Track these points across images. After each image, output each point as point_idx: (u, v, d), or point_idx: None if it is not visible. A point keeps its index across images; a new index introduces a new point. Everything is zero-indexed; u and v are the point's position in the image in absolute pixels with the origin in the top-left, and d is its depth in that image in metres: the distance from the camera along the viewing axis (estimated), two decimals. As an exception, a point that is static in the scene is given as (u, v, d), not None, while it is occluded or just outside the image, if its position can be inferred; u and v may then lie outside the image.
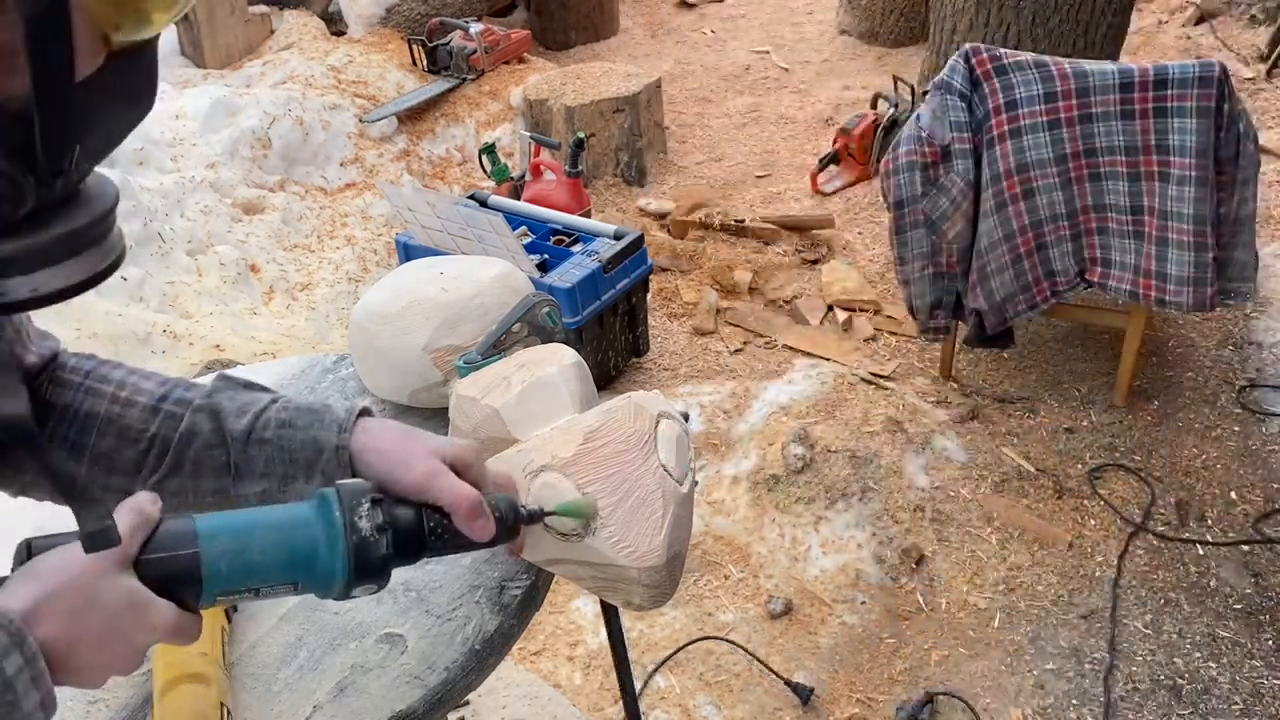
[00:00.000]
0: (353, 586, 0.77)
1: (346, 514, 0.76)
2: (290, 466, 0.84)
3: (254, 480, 0.85)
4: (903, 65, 5.12)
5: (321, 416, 0.86)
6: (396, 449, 0.84)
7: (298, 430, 0.85)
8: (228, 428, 0.85)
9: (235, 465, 0.85)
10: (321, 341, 3.37)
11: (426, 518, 0.81)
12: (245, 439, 0.85)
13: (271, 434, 0.85)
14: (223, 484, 0.85)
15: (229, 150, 3.96)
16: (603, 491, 0.98)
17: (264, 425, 0.85)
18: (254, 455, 0.84)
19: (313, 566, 0.75)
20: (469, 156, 4.63)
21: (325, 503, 0.77)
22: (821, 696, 2.15)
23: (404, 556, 0.80)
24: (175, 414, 0.85)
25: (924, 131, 2.63)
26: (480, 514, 0.81)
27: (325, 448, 0.84)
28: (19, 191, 0.59)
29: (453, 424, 1.16)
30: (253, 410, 0.86)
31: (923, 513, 2.52)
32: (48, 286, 0.63)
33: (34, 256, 0.62)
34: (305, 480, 0.85)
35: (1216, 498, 2.57)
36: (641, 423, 1.03)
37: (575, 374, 1.15)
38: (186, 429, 0.84)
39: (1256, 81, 4.56)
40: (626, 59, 5.70)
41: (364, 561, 0.76)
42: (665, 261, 3.76)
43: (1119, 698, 2.11)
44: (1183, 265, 2.52)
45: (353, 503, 0.77)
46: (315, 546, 0.75)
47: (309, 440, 0.85)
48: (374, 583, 0.78)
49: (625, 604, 1.03)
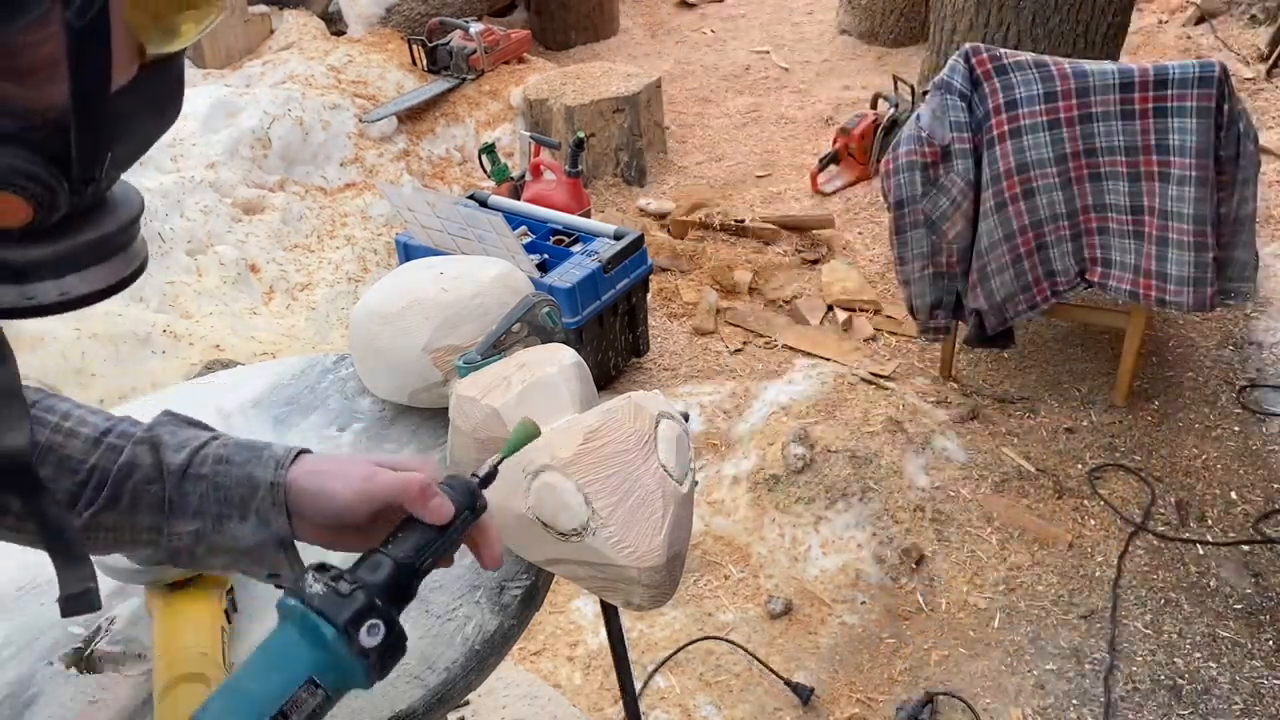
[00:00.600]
0: (381, 664, 0.74)
1: (325, 616, 0.71)
2: (224, 505, 0.81)
3: (188, 518, 0.81)
4: (903, 65, 5.12)
5: (260, 453, 0.83)
6: (332, 467, 0.83)
7: (234, 466, 0.82)
8: (165, 461, 0.82)
9: (170, 501, 0.82)
10: (321, 341, 3.37)
11: (390, 551, 0.77)
12: (181, 474, 0.82)
13: (208, 469, 0.82)
14: (157, 520, 0.81)
15: (229, 150, 3.96)
16: (603, 491, 0.98)
17: (201, 461, 0.83)
18: (189, 491, 0.81)
19: (327, 677, 0.72)
20: (469, 156, 4.63)
21: (298, 618, 0.72)
22: (821, 696, 2.15)
23: (400, 602, 0.76)
24: (117, 446, 0.83)
25: (924, 131, 2.63)
26: (432, 493, 0.79)
27: (260, 484, 0.81)
28: (54, 198, 0.60)
29: (453, 424, 1.16)
30: (191, 445, 0.83)
31: (923, 513, 2.52)
32: (76, 291, 0.64)
33: (64, 261, 0.63)
34: (239, 519, 0.81)
35: (1217, 498, 2.57)
36: (641, 423, 1.03)
37: (575, 374, 1.15)
38: (126, 460, 0.82)
39: (1256, 81, 4.56)
40: (626, 59, 5.70)
41: (384, 659, 0.73)
42: (665, 261, 3.76)
43: (1119, 698, 2.11)
44: (1183, 265, 2.52)
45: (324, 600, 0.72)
46: (317, 664, 0.71)
47: (244, 477, 0.82)
48: (398, 651, 0.75)
49: (625, 604, 1.03)
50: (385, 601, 0.74)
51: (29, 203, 0.59)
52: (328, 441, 1.34)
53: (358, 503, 0.79)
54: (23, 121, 0.57)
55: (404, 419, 1.38)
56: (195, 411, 0.90)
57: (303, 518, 0.81)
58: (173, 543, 0.81)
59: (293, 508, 0.81)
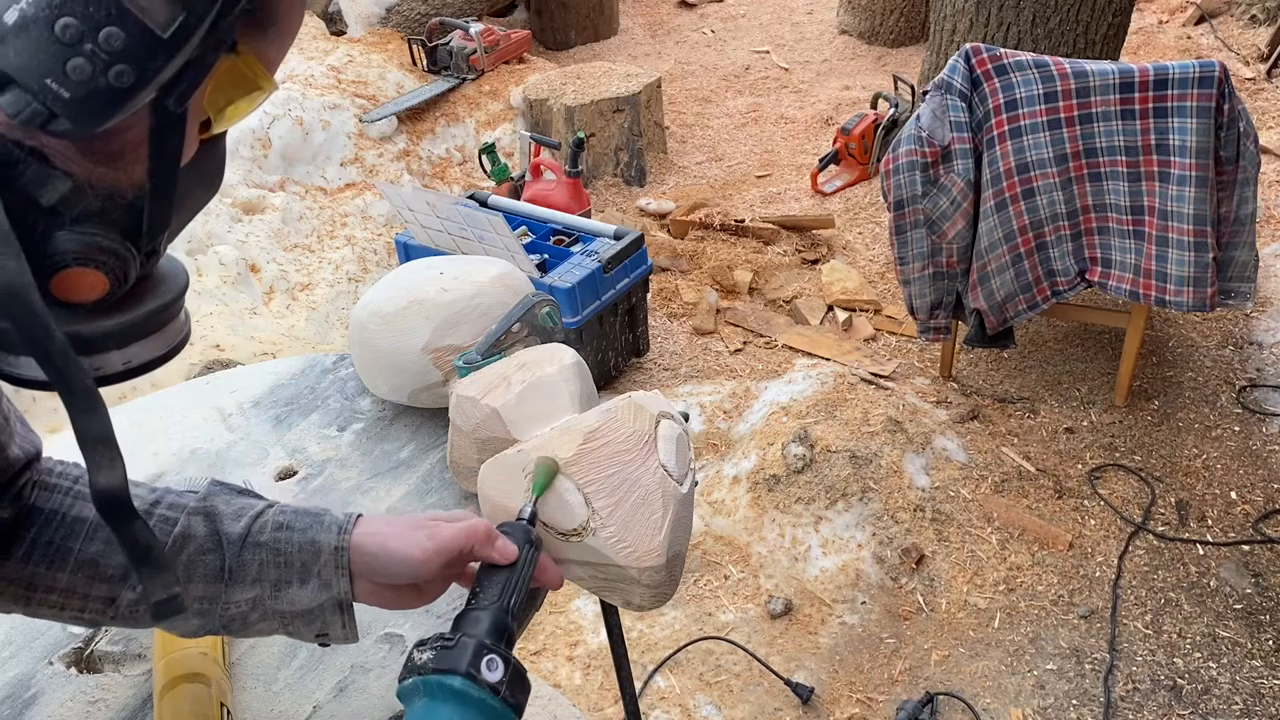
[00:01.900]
0: (514, 697, 0.75)
1: (447, 670, 0.73)
2: (284, 570, 0.82)
3: (246, 586, 0.82)
4: (903, 65, 5.13)
5: (320, 519, 0.84)
6: (391, 529, 0.84)
7: (295, 533, 0.83)
8: (224, 530, 0.82)
9: (229, 569, 0.82)
10: (321, 341, 3.37)
11: (477, 603, 0.80)
12: (241, 542, 0.82)
13: (268, 537, 0.83)
14: (214, 590, 0.81)
15: (229, 150, 3.96)
16: (603, 491, 0.98)
17: (260, 529, 0.83)
18: (248, 560, 0.82)
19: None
20: (469, 156, 4.63)
21: (422, 690, 0.74)
22: (821, 696, 2.15)
23: (505, 644, 0.78)
24: (169, 518, 0.83)
25: (924, 131, 2.63)
26: (496, 535, 0.82)
27: (324, 549, 0.82)
28: (128, 270, 0.63)
29: (453, 424, 1.16)
30: (249, 514, 0.84)
31: (923, 513, 2.52)
32: (139, 359, 0.67)
33: (129, 331, 0.66)
34: (299, 584, 0.82)
35: (1217, 498, 2.57)
36: (641, 423, 1.03)
37: (575, 374, 1.15)
38: (181, 532, 0.82)
39: (1256, 81, 4.56)
40: (626, 59, 5.70)
41: (514, 691, 0.75)
42: (665, 261, 3.76)
43: (1119, 698, 2.11)
44: (1183, 265, 2.52)
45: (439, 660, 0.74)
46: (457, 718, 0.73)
47: (306, 543, 0.83)
48: (524, 682, 0.77)
49: (625, 604, 1.03)
50: (493, 640, 0.76)
51: (107, 277, 0.61)
52: (328, 441, 1.34)
53: (430, 559, 0.81)
54: (106, 201, 0.60)
55: (404, 419, 1.38)
56: (195, 411, 0.91)
57: (363, 579, 0.83)
58: (228, 611, 0.82)
59: (354, 570, 0.83)
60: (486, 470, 1.07)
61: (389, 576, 0.83)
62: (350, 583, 0.82)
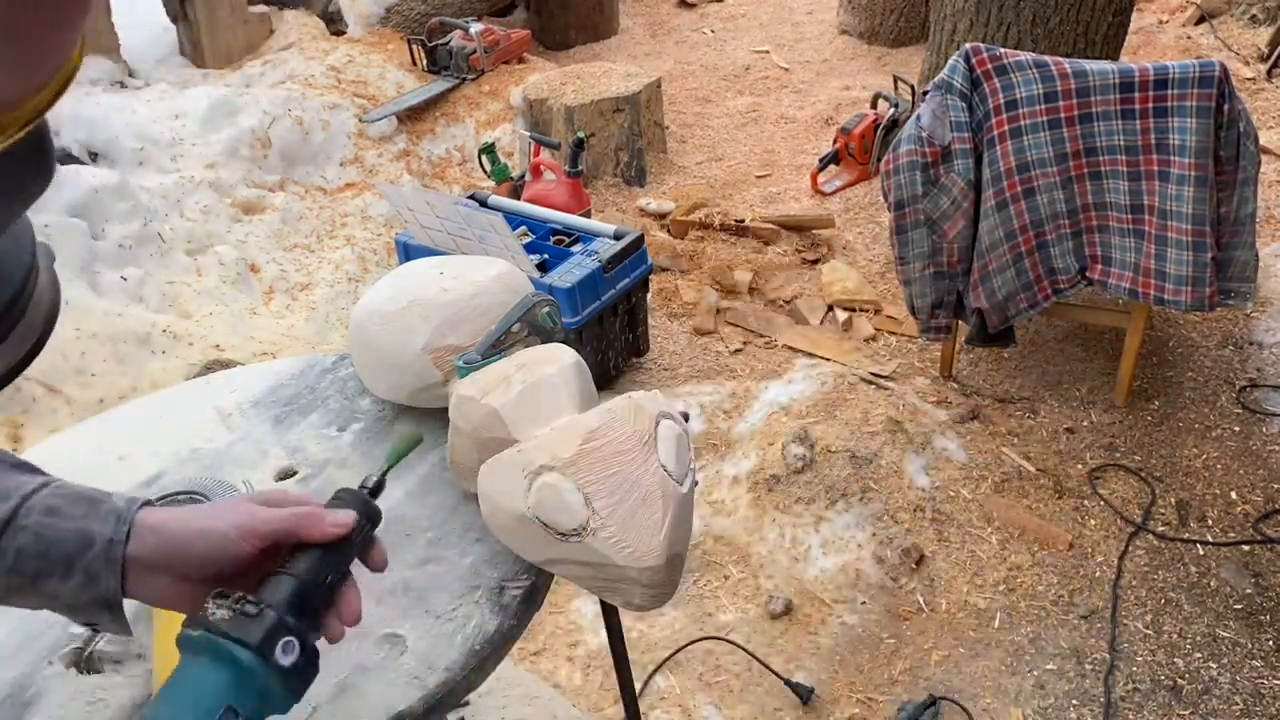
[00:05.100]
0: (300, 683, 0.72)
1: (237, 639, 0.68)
2: (42, 561, 0.73)
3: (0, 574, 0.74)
4: (903, 65, 5.12)
5: (98, 505, 0.76)
6: (196, 512, 0.78)
7: (64, 519, 0.74)
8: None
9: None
10: (321, 341, 3.37)
11: (290, 569, 0.74)
12: (4, 526, 0.74)
13: (33, 521, 0.74)
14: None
15: (229, 150, 3.96)
16: (602, 491, 0.98)
17: (27, 511, 0.74)
18: (5, 546, 0.73)
19: (246, 704, 0.69)
20: (469, 156, 4.63)
21: (207, 647, 0.69)
22: (821, 696, 2.15)
23: (308, 619, 0.73)
24: None
25: (924, 131, 2.63)
26: (324, 516, 0.77)
27: (96, 540, 0.74)
28: None
29: (453, 424, 1.16)
30: (19, 493, 0.75)
31: (923, 513, 2.52)
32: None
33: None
34: (61, 578, 0.73)
35: (1217, 498, 2.57)
36: (641, 423, 1.03)
37: (575, 374, 1.15)
38: None
39: (1256, 81, 4.56)
40: (626, 59, 5.70)
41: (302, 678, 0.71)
42: (665, 261, 3.76)
43: (1119, 698, 2.11)
44: (1182, 265, 2.52)
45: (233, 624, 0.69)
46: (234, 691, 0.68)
47: (74, 531, 0.74)
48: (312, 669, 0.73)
49: (625, 604, 1.03)
50: (295, 619, 0.72)
51: None
52: (327, 441, 1.34)
53: (245, 537, 0.76)
54: None
55: (404, 419, 1.38)
56: (195, 411, 0.90)
57: (162, 572, 0.76)
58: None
59: (151, 561, 0.75)
60: (486, 470, 1.07)
61: (198, 562, 0.76)
62: (123, 580, 0.74)
